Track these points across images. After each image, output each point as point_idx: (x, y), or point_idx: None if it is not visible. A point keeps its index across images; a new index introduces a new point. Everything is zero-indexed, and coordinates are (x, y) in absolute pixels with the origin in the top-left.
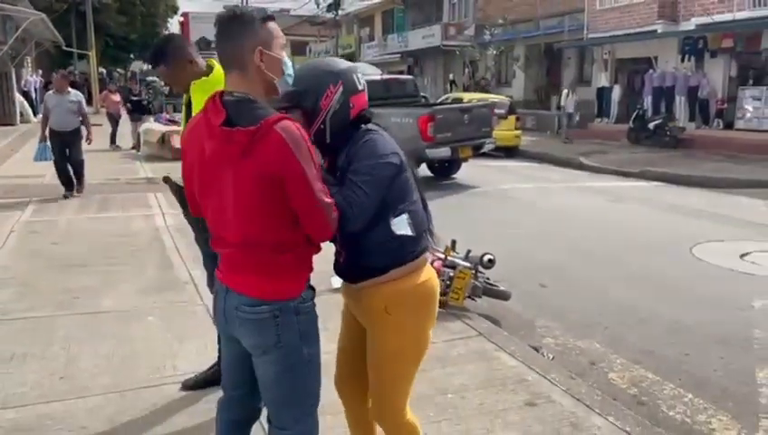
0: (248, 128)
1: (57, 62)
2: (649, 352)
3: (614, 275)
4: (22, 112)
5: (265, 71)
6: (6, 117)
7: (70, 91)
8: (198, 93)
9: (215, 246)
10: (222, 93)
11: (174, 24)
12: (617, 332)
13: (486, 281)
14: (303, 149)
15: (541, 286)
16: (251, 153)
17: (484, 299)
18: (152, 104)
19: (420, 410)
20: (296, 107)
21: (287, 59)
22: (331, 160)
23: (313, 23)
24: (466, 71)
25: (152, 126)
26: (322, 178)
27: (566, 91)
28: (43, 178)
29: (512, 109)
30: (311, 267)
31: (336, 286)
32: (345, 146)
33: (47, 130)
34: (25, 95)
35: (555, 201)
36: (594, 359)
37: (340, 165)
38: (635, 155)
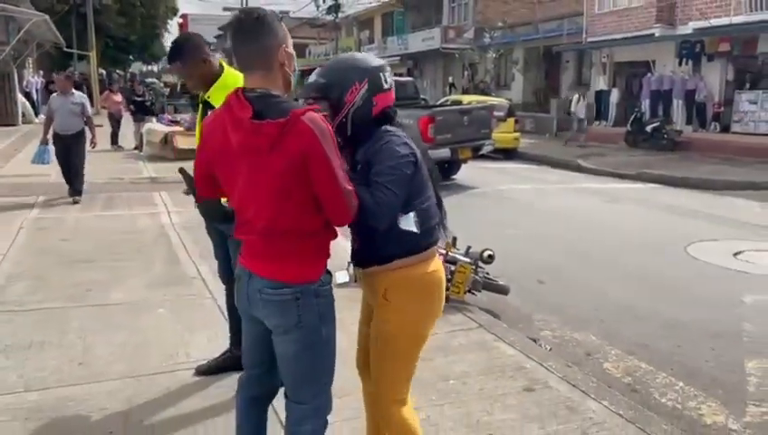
0: (278, 120)
1: (58, 62)
2: (643, 344)
3: (610, 272)
4: (24, 113)
5: (286, 68)
6: (9, 117)
7: (73, 92)
8: (218, 92)
9: (238, 234)
10: (243, 90)
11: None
12: (612, 326)
13: (486, 276)
14: (328, 138)
15: (539, 283)
16: (281, 143)
17: (484, 294)
18: (154, 105)
19: (423, 394)
20: (324, 98)
21: None
22: (350, 153)
23: (313, 25)
24: (466, 73)
25: (155, 127)
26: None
27: (576, 96)
28: (48, 177)
29: (510, 111)
30: (328, 253)
31: (340, 282)
32: (365, 142)
33: (50, 133)
34: (27, 96)
35: (553, 202)
36: (590, 350)
37: (358, 159)
38: (632, 157)
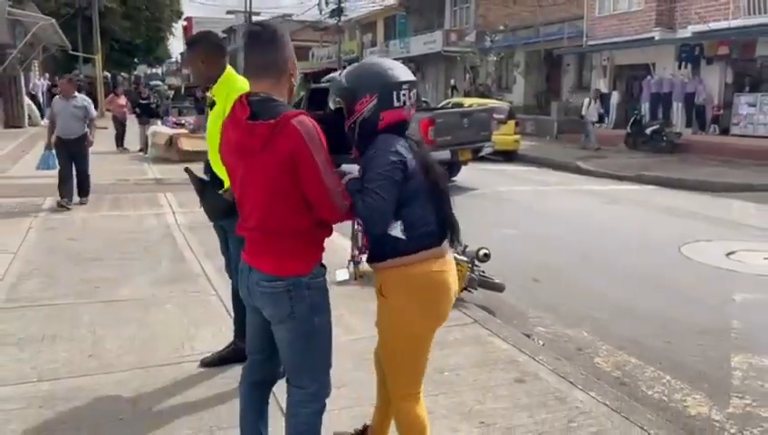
0: (269, 121)
1: (63, 65)
2: (634, 340)
3: (605, 272)
4: (30, 115)
5: (292, 78)
6: (15, 120)
7: (76, 95)
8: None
9: (239, 230)
10: (248, 94)
11: (178, 29)
12: (605, 323)
13: (482, 274)
14: (315, 139)
15: (534, 282)
16: (271, 144)
17: (480, 292)
18: (159, 108)
19: None
20: (344, 100)
21: None
22: (359, 154)
23: (316, 28)
24: (467, 76)
25: (159, 129)
26: (335, 171)
27: (588, 99)
28: (55, 178)
29: (511, 114)
30: (322, 248)
31: (340, 279)
32: (368, 147)
33: (53, 138)
34: (33, 98)
35: (551, 203)
36: (582, 346)
37: (362, 165)
38: (632, 160)
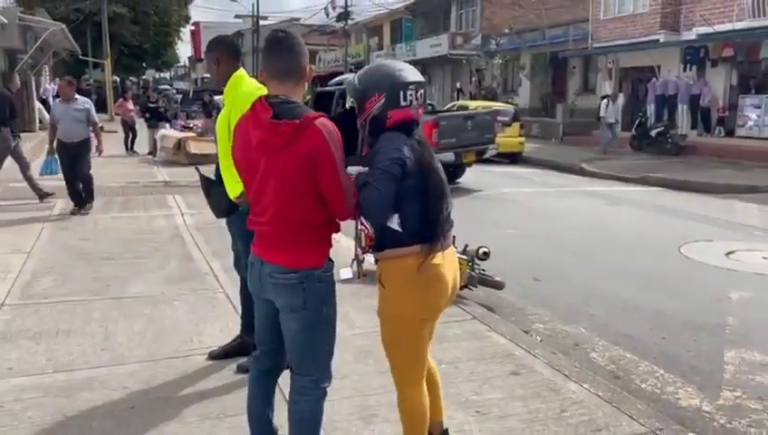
0: (293, 121)
1: (73, 70)
2: (630, 336)
3: (605, 271)
4: (40, 119)
5: (306, 82)
6: (27, 124)
7: (77, 98)
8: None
9: (251, 224)
10: (267, 96)
11: (186, 34)
12: (602, 320)
13: (482, 272)
14: (336, 140)
15: (534, 280)
16: (294, 142)
17: (480, 289)
18: (168, 112)
19: None
20: (356, 99)
21: None
22: (370, 150)
23: (323, 32)
24: (473, 79)
25: (168, 132)
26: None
27: (605, 100)
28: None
29: (516, 116)
30: (330, 243)
31: (344, 278)
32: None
33: (55, 142)
34: (43, 102)
35: (554, 204)
36: (578, 341)
37: (369, 158)
38: (637, 162)
